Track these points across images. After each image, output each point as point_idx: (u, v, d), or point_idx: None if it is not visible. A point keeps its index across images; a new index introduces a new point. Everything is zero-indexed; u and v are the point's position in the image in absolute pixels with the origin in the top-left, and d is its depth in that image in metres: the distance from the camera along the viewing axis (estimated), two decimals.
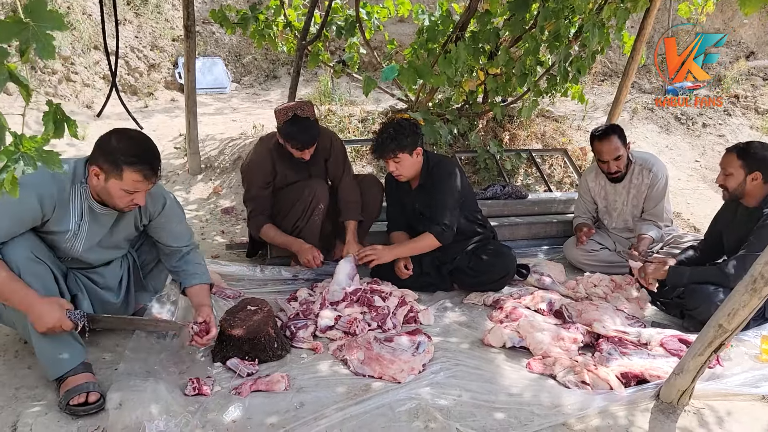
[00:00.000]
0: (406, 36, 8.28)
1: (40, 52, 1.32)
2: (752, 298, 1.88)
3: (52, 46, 1.33)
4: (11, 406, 2.03)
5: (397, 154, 3.17)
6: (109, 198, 2.17)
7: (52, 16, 1.32)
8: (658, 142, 6.79)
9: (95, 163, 2.12)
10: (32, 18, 1.30)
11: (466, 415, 2.12)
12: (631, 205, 3.96)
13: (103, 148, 2.11)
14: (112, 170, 2.10)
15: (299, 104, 3.18)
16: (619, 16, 4.43)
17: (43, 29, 1.31)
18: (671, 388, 2.22)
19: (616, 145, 3.73)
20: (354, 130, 5.65)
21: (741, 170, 3.00)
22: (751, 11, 1.81)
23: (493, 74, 4.84)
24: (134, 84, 7.51)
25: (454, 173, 3.33)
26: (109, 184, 2.12)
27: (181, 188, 5.13)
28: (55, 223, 2.16)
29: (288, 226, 3.36)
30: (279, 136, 3.23)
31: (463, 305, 3.29)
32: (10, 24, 1.29)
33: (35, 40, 1.30)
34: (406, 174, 3.28)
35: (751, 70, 8.43)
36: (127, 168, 2.09)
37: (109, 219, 2.31)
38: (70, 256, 2.28)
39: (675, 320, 3.22)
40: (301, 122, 3.13)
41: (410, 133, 3.18)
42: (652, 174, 3.82)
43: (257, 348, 2.43)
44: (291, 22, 5.53)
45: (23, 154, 1.29)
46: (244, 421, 2.03)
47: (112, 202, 2.19)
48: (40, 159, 1.31)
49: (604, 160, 3.80)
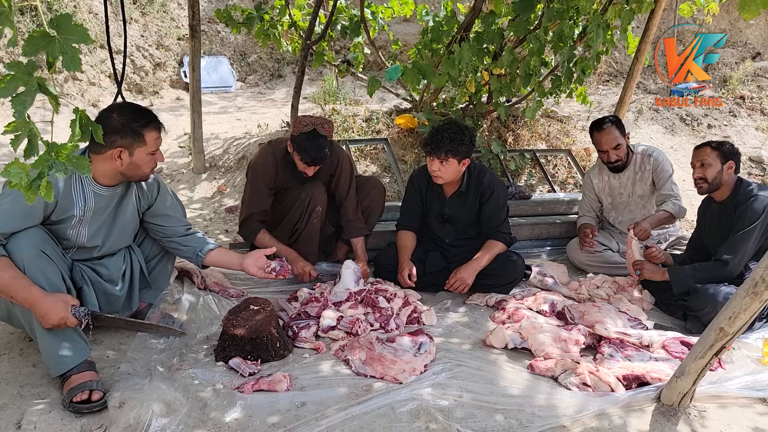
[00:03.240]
0: (411, 36, 8.29)
1: (67, 65, 1.38)
2: (753, 301, 1.88)
3: (78, 59, 1.40)
4: (16, 404, 2.05)
5: (448, 157, 3.14)
6: (137, 170, 2.30)
7: (77, 29, 1.38)
8: (662, 143, 6.77)
9: (113, 147, 2.19)
10: (58, 31, 1.36)
11: (467, 415, 2.13)
12: (636, 195, 3.97)
13: (114, 129, 2.18)
14: (134, 141, 2.23)
15: (322, 121, 3.13)
16: (623, 16, 4.42)
17: (69, 42, 1.37)
18: (672, 391, 2.22)
19: (615, 135, 3.80)
20: (358, 130, 5.66)
21: (718, 160, 3.17)
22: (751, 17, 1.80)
23: (498, 75, 4.84)
24: (140, 83, 7.54)
25: (503, 185, 3.47)
26: (135, 155, 2.25)
27: (186, 187, 5.15)
28: (61, 212, 2.21)
29: (287, 230, 3.34)
30: (290, 142, 3.19)
31: (466, 306, 3.29)
32: (37, 38, 1.35)
33: (62, 52, 1.36)
34: (445, 177, 3.24)
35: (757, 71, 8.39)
36: (146, 130, 2.26)
37: (111, 199, 2.37)
38: (76, 245, 2.31)
39: (678, 322, 3.22)
40: (318, 139, 3.09)
41: (468, 142, 3.15)
42: (653, 158, 3.89)
43: (259, 347, 2.45)
44: (296, 21, 5.54)
45: (55, 161, 1.37)
46: (245, 420, 2.04)
47: (141, 172, 2.32)
48: (71, 165, 1.38)
49: (603, 150, 3.86)
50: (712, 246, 3.25)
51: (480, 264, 3.28)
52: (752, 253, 3.07)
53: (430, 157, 3.20)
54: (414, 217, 3.53)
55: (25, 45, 1.36)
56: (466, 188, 3.35)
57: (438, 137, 3.13)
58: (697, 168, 3.24)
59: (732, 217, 3.13)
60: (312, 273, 3.24)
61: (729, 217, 3.16)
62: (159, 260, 2.74)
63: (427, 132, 3.30)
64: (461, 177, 3.33)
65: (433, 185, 3.38)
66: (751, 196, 3.07)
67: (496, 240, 3.36)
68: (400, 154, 5.39)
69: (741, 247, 3.03)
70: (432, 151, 3.16)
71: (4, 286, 2.02)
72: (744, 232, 3.03)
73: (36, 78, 1.36)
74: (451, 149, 3.11)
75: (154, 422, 1.93)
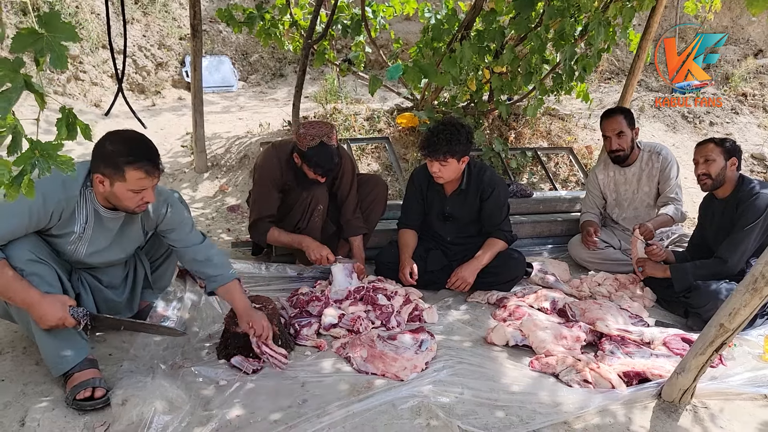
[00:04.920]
0: (412, 34, 8.27)
1: (54, 62, 1.37)
2: (753, 297, 1.88)
3: (65, 57, 1.38)
4: (19, 402, 2.06)
5: (447, 158, 3.13)
6: (119, 202, 2.18)
7: (66, 27, 1.37)
8: (664, 141, 6.75)
9: (97, 172, 2.12)
10: (46, 29, 1.35)
11: (468, 412, 2.14)
12: (642, 192, 3.97)
13: (101, 155, 2.11)
14: (114, 174, 2.10)
15: (326, 130, 3.10)
16: (625, 14, 4.42)
17: (57, 40, 1.36)
18: (673, 387, 2.23)
19: (620, 122, 3.81)
20: (359, 129, 5.67)
21: (721, 156, 3.17)
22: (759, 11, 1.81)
23: (499, 73, 4.84)
24: (142, 82, 7.55)
25: (504, 183, 3.48)
26: (115, 188, 2.12)
27: (188, 186, 5.16)
28: (61, 226, 2.18)
29: (289, 229, 3.35)
30: (298, 156, 3.17)
31: (467, 303, 3.30)
32: (25, 35, 1.35)
33: (49, 50, 1.36)
34: (446, 177, 3.24)
35: (759, 68, 8.36)
36: (129, 168, 2.09)
37: (116, 223, 2.32)
38: (73, 259, 2.29)
39: (679, 319, 3.22)
40: (326, 150, 3.08)
41: (465, 140, 3.14)
42: (662, 157, 3.88)
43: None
44: (297, 21, 5.54)
45: (39, 159, 1.34)
46: (247, 417, 2.05)
47: (123, 205, 2.20)
48: (54, 163, 1.36)
49: (606, 136, 3.89)
50: (714, 243, 3.25)
51: (481, 263, 3.29)
52: (753, 250, 3.07)
53: (429, 159, 3.19)
54: (415, 215, 3.53)
55: (13, 42, 1.35)
56: (467, 186, 3.35)
57: (434, 139, 3.11)
58: (700, 164, 3.24)
59: (734, 215, 3.14)
60: (330, 257, 3.22)
61: (731, 215, 3.16)
62: (163, 261, 2.73)
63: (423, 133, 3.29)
64: (461, 175, 3.33)
65: (433, 184, 3.38)
66: (754, 194, 3.08)
67: (496, 238, 3.37)
68: (402, 153, 5.39)
69: (741, 245, 3.04)
70: (430, 154, 3.15)
71: (3, 287, 2.02)
72: (745, 230, 3.03)
73: (23, 75, 1.35)
74: (449, 150, 3.10)
75: (156, 419, 1.94)
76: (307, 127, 3.13)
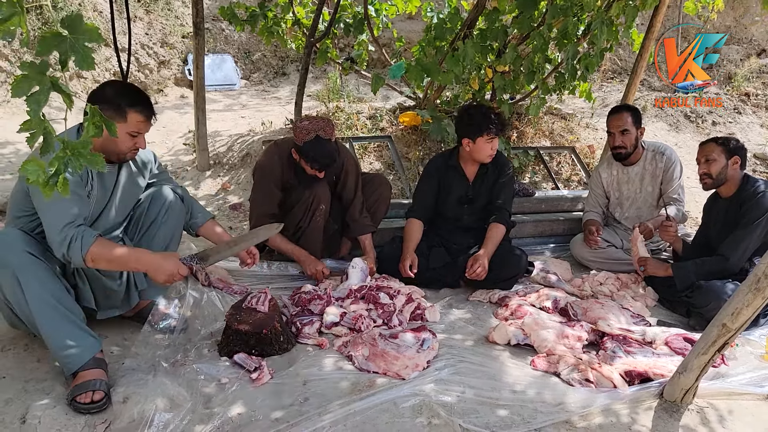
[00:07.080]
0: (415, 33, 8.27)
1: (80, 64, 1.40)
2: (756, 297, 1.88)
3: (90, 58, 1.41)
4: (21, 399, 2.06)
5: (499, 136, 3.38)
6: (114, 146, 2.25)
7: (89, 29, 1.39)
8: (667, 140, 6.74)
9: None
10: (70, 31, 1.38)
11: (470, 411, 2.13)
12: (645, 191, 3.96)
13: (102, 98, 2.17)
14: (116, 115, 2.18)
15: (322, 124, 3.10)
16: (627, 13, 4.41)
17: (81, 41, 1.38)
18: (675, 387, 2.22)
19: (626, 120, 3.84)
20: (362, 127, 5.66)
21: (722, 155, 3.20)
22: None
23: (501, 72, 4.83)
24: (144, 81, 7.56)
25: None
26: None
27: (190, 184, 5.16)
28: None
29: (290, 228, 3.35)
30: (296, 152, 3.18)
31: (469, 302, 3.30)
32: (50, 38, 1.37)
33: (74, 52, 1.38)
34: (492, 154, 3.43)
35: (762, 67, 8.34)
36: (131, 110, 2.21)
37: (111, 178, 2.38)
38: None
39: (681, 319, 3.22)
40: (324, 144, 3.08)
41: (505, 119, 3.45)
42: (666, 157, 3.89)
43: (263, 342, 2.46)
44: (299, 19, 5.54)
45: (71, 158, 1.40)
46: (249, 415, 2.05)
47: (117, 150, 2.27)
48: (85, 161, 1.42)
49: (611, 132, 3.91)
50: (717, 242, 3.25)
51: (489, 252, 3.32)
52: (755, 249, 3.07)
53: (490, 135, 3.31)
54: (425, 205, 3.57)
55: (38, 45, 1.38)
56: (490, 170, 3.50)
57: (491, 116, 3.29)
58: (702, 164, 3.26)
59: (738, 213, 3.15)
60: (325, 271, 3.28)
61: (735, 213, 3.17)
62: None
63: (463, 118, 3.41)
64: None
65: (451, 168, 3.51)
66: (758, 193, 3.09)
67: (498, 223, 3.42)
68: (404, 152, 5.39)
69: (743, 242, 3.05)
70: (500, 131, 3.35)
71: (120, 258, 2.15)
72: (747, 227, 3.03)
73: (49, 77, 1.38)
74: (503, 128, 3.39)
75: (157, 417, 1.94)
76: (303, 122, 3.15)
